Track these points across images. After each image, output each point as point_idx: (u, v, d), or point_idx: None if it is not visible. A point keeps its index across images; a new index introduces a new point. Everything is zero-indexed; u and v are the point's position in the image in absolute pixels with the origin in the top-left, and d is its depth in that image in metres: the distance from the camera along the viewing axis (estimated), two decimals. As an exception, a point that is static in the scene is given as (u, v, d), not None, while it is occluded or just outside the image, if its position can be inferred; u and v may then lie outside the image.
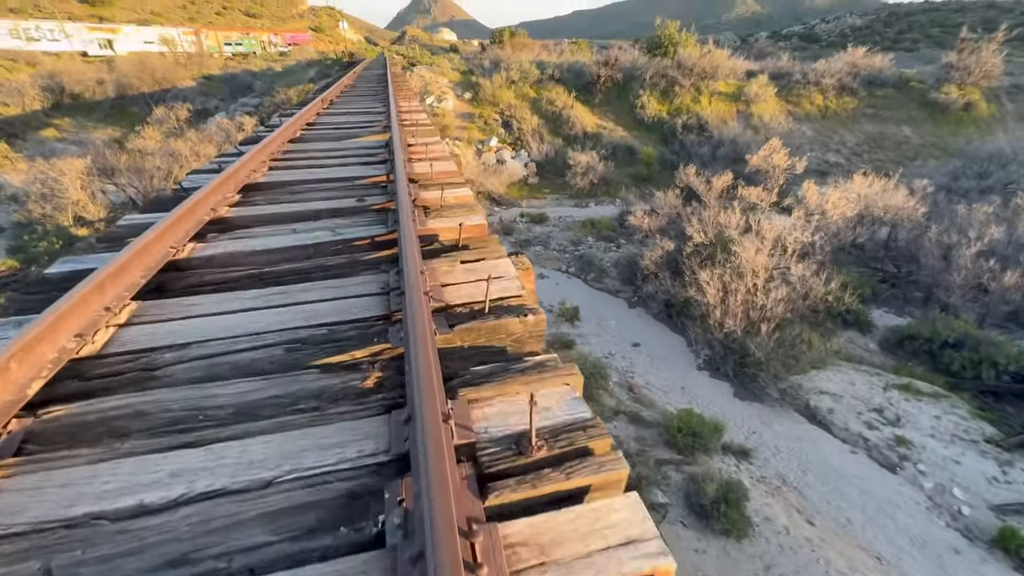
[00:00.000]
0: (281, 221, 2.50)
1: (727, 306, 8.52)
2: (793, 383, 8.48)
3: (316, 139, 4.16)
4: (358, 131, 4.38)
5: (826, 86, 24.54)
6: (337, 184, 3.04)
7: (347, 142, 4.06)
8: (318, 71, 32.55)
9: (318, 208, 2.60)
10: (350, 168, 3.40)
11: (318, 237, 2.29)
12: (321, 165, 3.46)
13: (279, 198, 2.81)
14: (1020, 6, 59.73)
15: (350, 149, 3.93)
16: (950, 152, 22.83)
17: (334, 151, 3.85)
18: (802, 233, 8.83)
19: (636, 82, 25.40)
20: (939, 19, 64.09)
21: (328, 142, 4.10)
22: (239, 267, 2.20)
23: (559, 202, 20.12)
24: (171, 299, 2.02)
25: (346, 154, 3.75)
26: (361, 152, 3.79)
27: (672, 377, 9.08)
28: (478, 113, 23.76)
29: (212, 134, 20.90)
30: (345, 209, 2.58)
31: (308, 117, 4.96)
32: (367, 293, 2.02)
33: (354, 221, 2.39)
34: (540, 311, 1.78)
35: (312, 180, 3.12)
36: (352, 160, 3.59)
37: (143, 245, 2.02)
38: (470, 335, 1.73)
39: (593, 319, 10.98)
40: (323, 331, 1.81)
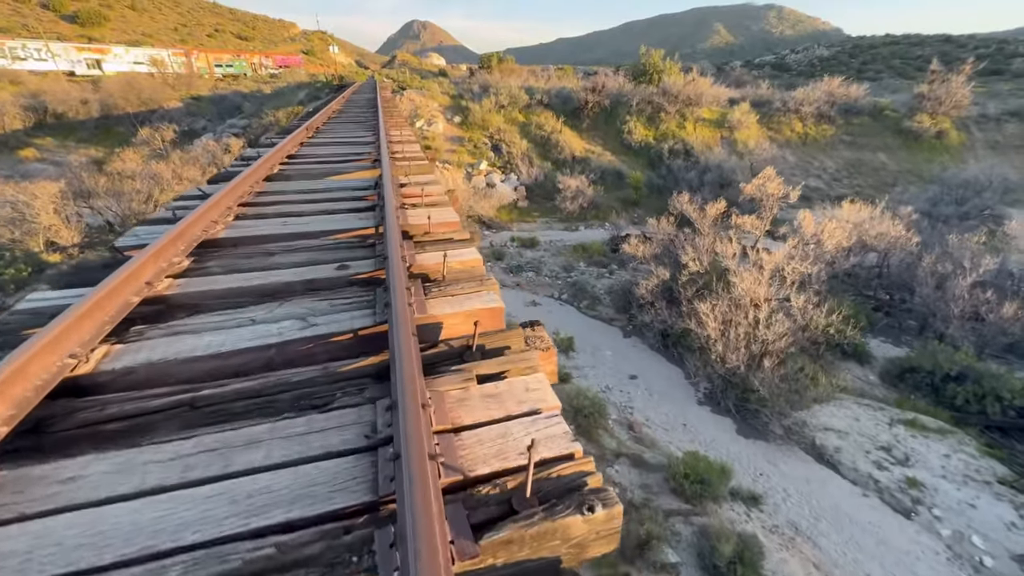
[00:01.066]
0: (238, 301, 1.86)
1: (728, 339, 8.27)
2: (797, 419, 8.20)
3: (296, 176, 3.78)
4: (344, 166, 4.01)
5: (805, 114, 25.24)
6: (315, 242, 2.43)
7: (330, 181, 3.63)
8: (308, 93, 32.49)
9: (288, 280, 1.99)
10: (332, 218, 2.81)
11: (283, 331, 1.64)
12: (298, 213, 2.89)
13: (240, 263, 2.17)
14: (973, 41, 63.68)
15: (334, 190, 3.40)
16: (925, 178, 23.50)
17: (315, 193, 3.30)
18: (801, 263, 8.71)
19: (623, 108, 25.81)
20: (899, 51, 68.14)
21: (309, 180, 3.65)
22: (164, 389, 1.47)
23: (549, 226, 20.01)
24: (36, 467, 1.25)
25: (329, 197, 3.23)
26: (346, 194, 3.27)
27: (672, 413, 8.74)
28: (468, 137, 23.78)
29: (197, 155, 20.46)
30: (322, 281, 1.99)
31: (290, 148, 4.62)
32: (343, 450, 1.30)
33: (332, 303, 1.79)
34: (612, 497, 1.16)
35: (285, 236, 2.50)
36: (335, 205, 3.05)
37: (17, 366, 1.29)
38: (506, 550, 1.07)
39: (588, 349, 10.66)
40: (266, 549, 1.04)
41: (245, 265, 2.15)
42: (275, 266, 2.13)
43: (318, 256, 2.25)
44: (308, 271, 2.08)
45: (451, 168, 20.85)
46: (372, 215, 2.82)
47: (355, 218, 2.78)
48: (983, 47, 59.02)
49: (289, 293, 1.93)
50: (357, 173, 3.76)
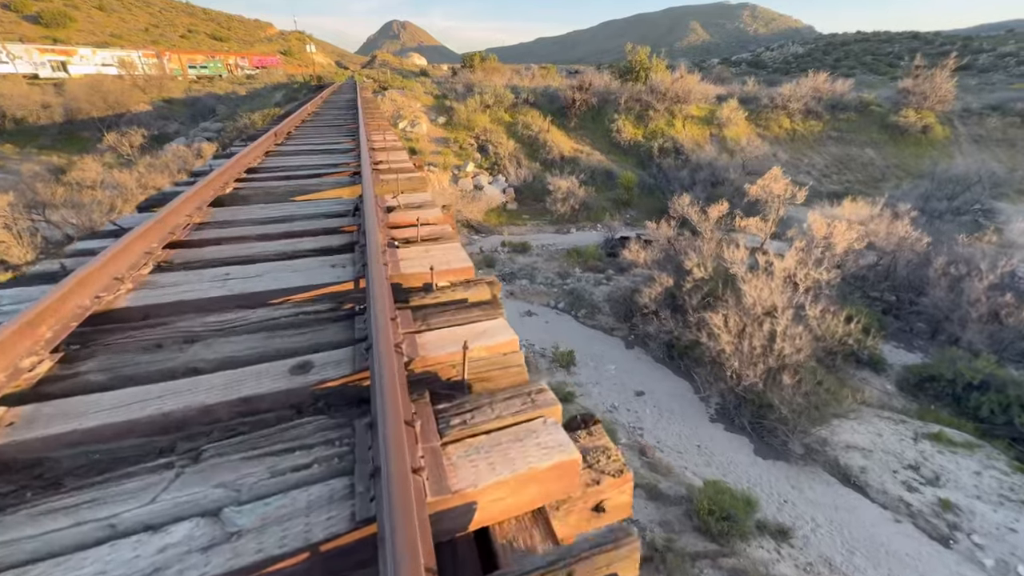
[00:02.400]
0: (108, 461, 1.04)
1: (743, 353, 7.73)
2: (818, 437, 7.70)
3: (254, 197, 2.99)
4: (316, 182, 3.24)
5: (793, 110, 25.09)
6: (262, 313, 1.59)
7: (297, 204, 2.85)
8: (285, 94, 31.31)
9: (207, 401, 1.19)
10: (294, 265, 1.99)
11: (185, 559, 0.82)
12: (246, 258, 2.08)
13: (136, 362, 1.34)
14: (940, 38, 65.44)
15: (300, 218, 2.59)
16: (913, 173, 23.54)
17: (274, 224, 2.50)
18: (815, 269, 8.22)
19: (610, 106, 25.33)
20: (871, 48, 69.94)
21: (269, 204, 2.88)
22: None
23: (540, 228, 19.38)
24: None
25: (292, 231, 2.40)
26: (316, 225, 2.48)
27: (684, 432, 8.17)
28: (453, 138, 23.01)
29: (168, 161, 19.32)
30: (265, 401, 1.21)
31: (251, 160, 3.83)
32: None
33: (277, 464, 0.99)
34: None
35: (219, 302, 1.69)
36: (299, 244, 2.24)
37: None
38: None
39: (590, 363, 10.04)
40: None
41: (143, 366, 1.33)
42: (192, 366, 1.32)
43: (265, 343, 1.44)
44: (244, 378, 1.27)
45: (437, 171, 20.08)
46: (350, 259, 2.05)
47: (326, 266, 1.99)
48: (948, 43, 60.66)
49: (202, 434, 1.10)
50: (332, 192, 3.04)
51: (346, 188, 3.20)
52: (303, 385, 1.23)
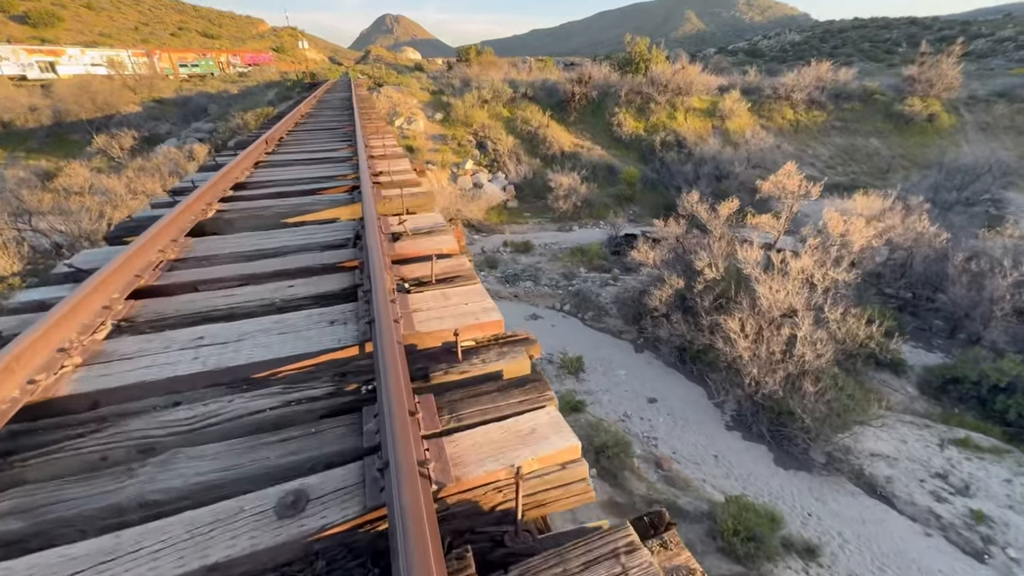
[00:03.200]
0: None
1: (761, 359, 7.41)
2: (840, 445, 7.41)
3: (239, 223, 2.64)
4: (308, 202, 2.95)
5: (796, 100, 24.64)
6: (241, 407, 1.22)
7: (289, 233, 2.46)
8: (278, 93, 30.73)
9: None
10: (283, 324, 1.59)
11: None
12: (224, 314, 1.69)
13: (68, 500, 0.97)
14: (938, 23, 64.78)
15: (291, 250, 2.20)
16: (919, 163, 23.15)
17: (261, 260, 2.11)
18: (833, 269, 7.89)
19: (610, 99, 24.85)
20: (868, 35, 69.33)
21: (256, 233, 2.50)
22: None
23: (542, 227, 19.01)
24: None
25: (282, 268, 2.02)
26: (310, 260, 2.11)
27: (700, 442, 7.87)
28: (451, 134, 22.56)
29: (159, 164, 18.86)
30: (240, 568, 0.86)
31: (239, 172, 3.47)
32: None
33: None
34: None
35: (187, 380, 1.33)
36: (290, 288, 1.86)
37: None
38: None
39: (599, 368, 9.73)
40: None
41: (78, 504, 0.93)
42: (144, 500, 0.93)
43: (242, 458, 1.05)
44: (214, 526, 0.90)
45: (435, 169, 19.66)
46: (352, 312, 1.65)
47: (323, 323, 1.59)
48: (947, 28, 60.07)
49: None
50: (328, 211, 2.70)
51: (344, 207, 2.85)
52: (296, 537, 0.88)
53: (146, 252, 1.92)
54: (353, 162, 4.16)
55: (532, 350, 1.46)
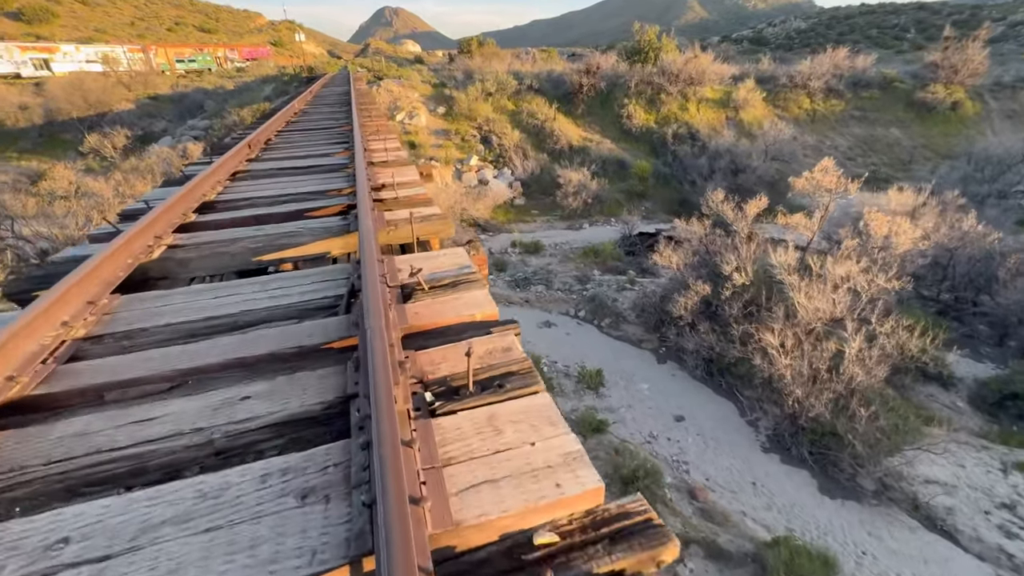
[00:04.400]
0: None
1: (802, 375, 6.72)
2: (891, 470, 6.72)
3: (193, 265, 2.02)
4: (291, 229, 2.28)
5: (813, 89, 23.68)
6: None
7: (255, 288, 1.78)
8: (275, 88, 29.97)
9: None
10: (210, 509, 0.88)
11: None
12: (121, 469, 1.02)
13: None
14: (947, 8, 63.10)
15: (254, 322, 1.54)
16: (942, 153, 22.23)
17: (206, 338, 1.44)
18: (880, 275, 7.16)
19: (619, 90, 23.95)
20: (876, 21, 67.71)
21: (210, 288, 1.80)
22: None
23: (550, 225, 18.28)
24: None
25: (232, 357, 1.34)
26: (280, 342, 1.40)
27: (736, 466, 7.21)
28: (454, 129, 21.77)
29: (152, 164, 18.21)
30: None
31: (209, 186, 2.78)
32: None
33: None
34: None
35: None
36: (242, 397, 1.21)
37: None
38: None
39: (620, 382, 9.07)
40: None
41: None
42: None
43: None
44: None
45: (439, 166, 18.91)
46: (339, 470, 0.97)
47: (288, 497, 0.91)
48: (956, 13, 58.52)
49: None
50: (314, 245, 2.03)
51: (336, 238, 2.18)
52: None
53: (34, 332, 1.25)
54: (349, 171, 3.47)
55: (665, 552, 0.79)
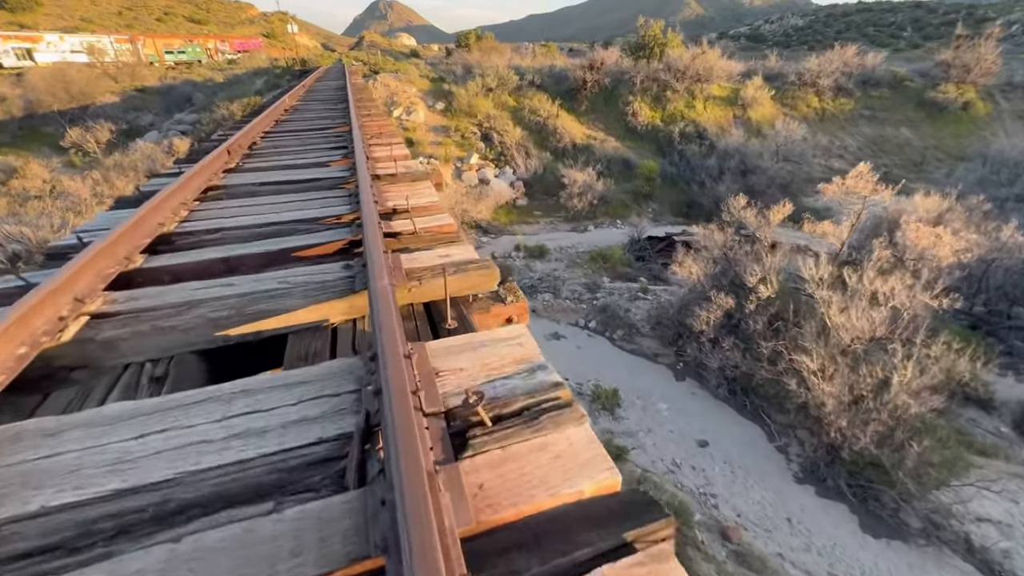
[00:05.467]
0: None
1: (842, 402, 6.15)
2: (938, 506, 6.17)
3: (123, 346, 1.37)
4: (272, 280, 1.67)
5: (823, 87, 23.11)
6: None
7: (205, 413, 1.08)
8: (266, 81, 28.97)
9: None
10: None
11: None
12: None
13: None
14: (943, 6, 62.83)
15: (207, 455, 0.93)
16: (954, 155, 21.77)
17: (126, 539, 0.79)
18: (923, 291, 6.59)
19: (624, 87, 23.26)
20: (873, 19, 67.47)
21: (134, 414, 1.07)
22: None
23: (554, 226, 17.62)
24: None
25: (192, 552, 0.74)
26: (244, 492, 0.86)
27: (768, 499, 6.63)
28: (453, 126, 21.02)
29: (136, 161, 17.32)
30: None
31: (169, 211, 2.14)
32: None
33: None
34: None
35: None
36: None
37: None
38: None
39: (637, 402, 8.47)
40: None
41: None
42: None
43: None
44: None
45: (438, 164, 18.18)
46: None
47: None
48: (952, 12, 58.28)
49: None
50: (303, 312, 1.38)
51: (337, 300, 1.53)
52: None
53: None
54: (350, 188, 2.81)
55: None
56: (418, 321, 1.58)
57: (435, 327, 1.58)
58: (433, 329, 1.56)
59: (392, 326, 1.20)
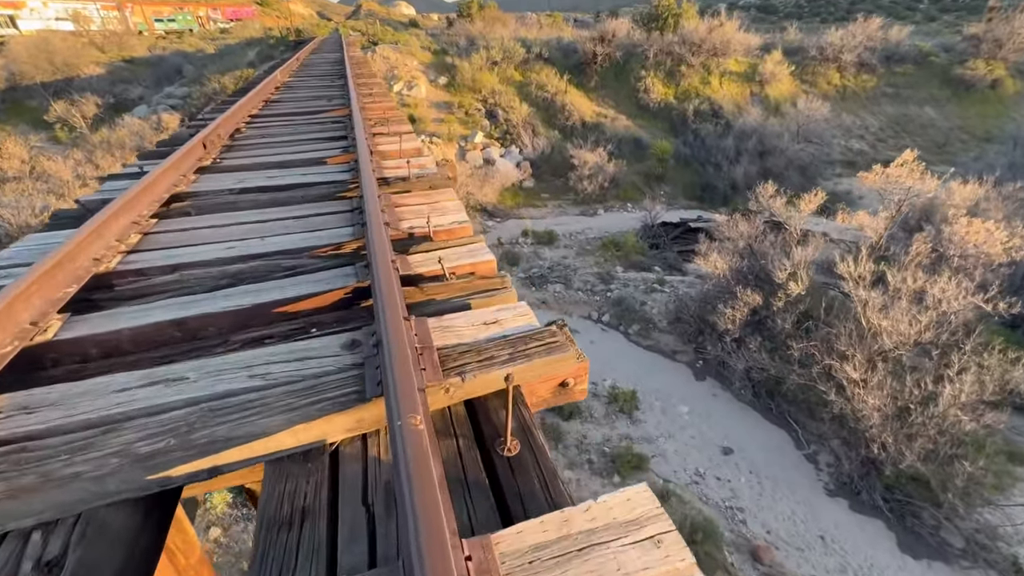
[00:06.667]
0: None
1: (886, 413, 5.68)
2: (982, 524, 5.78)
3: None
4: (244, 374, 1.10)
5: (845, 63, 21.95)
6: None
7: None
8: (259, 52, 27.68)
9: None
10: None
11: None
12: None
13: None
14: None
15: None
16: (979, 136, 20.85)
17: None
18: (974, 294, 6.05)
19: (636, 61, 22.10)
20: (889, -11, 64.48)
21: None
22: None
23: (563, 210, 16.92)
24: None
25: None
26: None
27: (799, 514, 6.25)
28: (457, 102, 20.03)
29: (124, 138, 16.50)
30: None
31: (112, 238, 1.59)
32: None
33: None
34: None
35: None
36: None
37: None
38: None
39: (656, 403, 8.03)
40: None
41: None
42: None
43: None
44: None
45: (441, 143, 17.34)
46: None
47: None
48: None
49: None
50: (290, 433, 0.89)
51: (337, 415, 0.99)
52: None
53: None
54: (351, 198, 2.21)
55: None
56: (459, 438, 1.05)
57: (483, 445, 1.04)
58: (483, 451, 1.02)
59: (432, 513, 0.66)
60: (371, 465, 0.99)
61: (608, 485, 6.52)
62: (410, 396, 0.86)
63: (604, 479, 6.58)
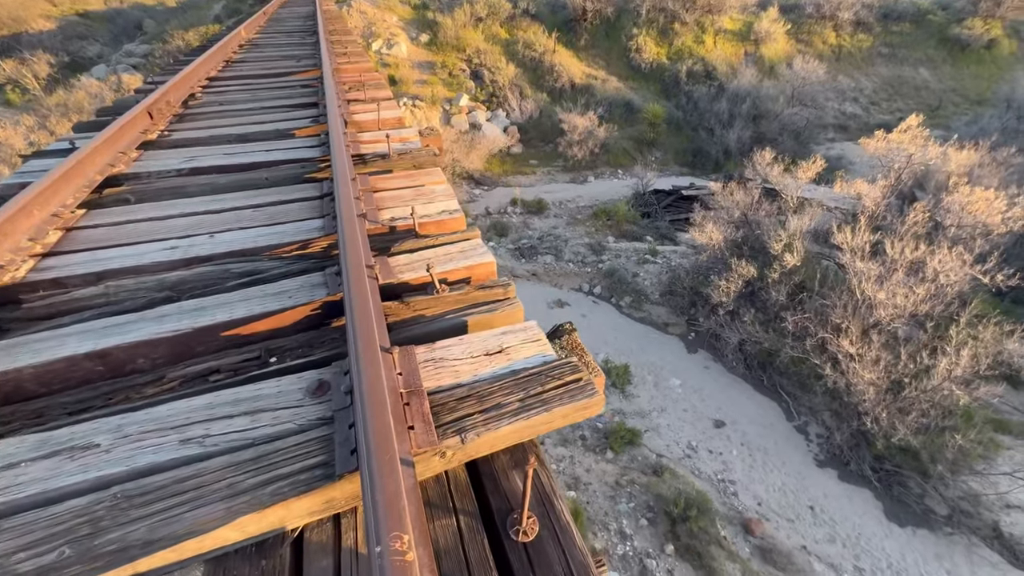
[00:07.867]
0: None
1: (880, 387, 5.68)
2: (964, 491, 5.93)
3: None
4: (180, 433, 0.80)
5: (842, 21, 21.22)
6: None
7: None
8: (225, 6, 25.67)
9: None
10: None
11: None
12: None
13: None
14: None
15: None
16: (972, 99, 20.58)
17: None
18: (973, 266, 5.96)
19: (628, 18, 21.05)
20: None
21: None
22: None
23: (552, 177, 16.42)
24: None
25: None
26: None
27: (788, 485, 6.34)
28: (440, 61, 18.96)
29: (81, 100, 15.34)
30: None
31: (26, 234, 1.20)
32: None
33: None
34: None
35: None
36: None
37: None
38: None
39: (648, 377, 7.99)
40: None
41: None
42: None
43: None
44: None
45: (424, 107, 16.48)
46: None
47: None
48: None
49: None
50: (232, 529, 0.68)
51: (298, 499, 0.72)
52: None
53: None
54: (323, 182, 1.87)
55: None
56: (460, 515, 0.81)
57: (491, 525, 0.80)
58: (491, 534, 0.79)
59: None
60: (346, 558, 0.75)
61: (601, 461, 6.51)
62: (395, 503, 0.60)
63: (597, 455, 6.57)
